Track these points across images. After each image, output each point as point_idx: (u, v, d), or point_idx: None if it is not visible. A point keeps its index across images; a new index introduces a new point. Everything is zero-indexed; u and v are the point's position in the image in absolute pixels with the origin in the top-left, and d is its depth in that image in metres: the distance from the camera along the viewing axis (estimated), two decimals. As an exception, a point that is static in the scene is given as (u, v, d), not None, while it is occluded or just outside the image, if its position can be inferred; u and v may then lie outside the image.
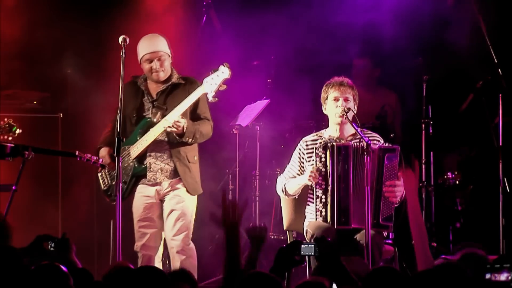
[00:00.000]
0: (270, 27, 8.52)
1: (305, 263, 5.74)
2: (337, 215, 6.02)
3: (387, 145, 6.19)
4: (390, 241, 6.29)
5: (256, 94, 8.55)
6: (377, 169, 6.01)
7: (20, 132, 6.50)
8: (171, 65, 6.59)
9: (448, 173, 8.16)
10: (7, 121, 6.51)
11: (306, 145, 6.27)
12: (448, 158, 8.37)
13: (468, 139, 8.41)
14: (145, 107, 6.57)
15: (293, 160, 6.34)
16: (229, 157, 8.39)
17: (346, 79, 6.30)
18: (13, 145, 6.34)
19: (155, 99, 6.54)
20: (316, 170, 6.05)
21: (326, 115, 6.35)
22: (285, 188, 6.28)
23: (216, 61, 8.34)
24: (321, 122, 7.55)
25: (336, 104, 6.21)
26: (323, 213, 6.06)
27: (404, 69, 8.39)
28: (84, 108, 8.23)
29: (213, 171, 8.28)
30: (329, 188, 6.05)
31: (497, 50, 7.57)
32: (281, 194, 6.34)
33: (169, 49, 6.57)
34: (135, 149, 6.48)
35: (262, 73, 8.70)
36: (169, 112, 6.41)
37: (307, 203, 6.24)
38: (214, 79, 6.27)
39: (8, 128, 6.48)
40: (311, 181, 6.04)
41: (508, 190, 7.41)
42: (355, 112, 6.22)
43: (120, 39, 6.16)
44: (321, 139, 6.24)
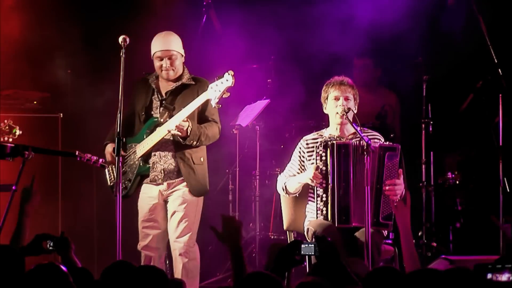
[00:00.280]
0: (270, 27, 8.52)
1: (305, 263, 5.74)
2: (337, 214, 6.02)
3: (388, 143, 6.19)
4: (390, 241, 6.29)
5: (256, 94, 8.56)
6: (378, 167, 6.01)
7: (20, 133, 6.50)
8: (184, 64, 6.57)
9: (448, 173, 8.16)
10: (7, 122, 6.51)
11: (307, 144, 6.28)
12: (448, 158, 8.37)
13: (468, 139, 8.41)
14: (154, 106, 6.55)
15: (294, 159, 6.34)
16: (229, 157, 8.39)
17: (347, 78, 6.30)
18: (13, 145, 6.33)
19: (164, 98, 6.51)
20: (316, 168, 6.06)
21: (326, 114, 6.35)
22: (286, 187, 6.28)
23: (216, 61, 8.38)
24: (321, 122, 7.55)
25: (336, 103, 6.21)
26: (324, 212, 6.06)
27: (404, 69, 8.39)
28: (84, 108, 8.23)
29: (213, 171, 8.27)
30: (329, 187, 6.05)
31: (497, 50, 7.57)
32: (282, 192, 6.34)
33: (182, 48, 6.54)
34: (141, 147, 6.47)
35: (262, 73, 8.70)
36: (177, 112, 6.40)
37: (308, 201, 6.25)
38: (218, 86, 6.21)
39: (8, 130, 6.48)
40: (314, 181, 6.04)
41: (508, 190, 7.41)
42: (356, 111, 6.22)
43: (120, 39, 6.16)
44: (321, 138, 6.24)
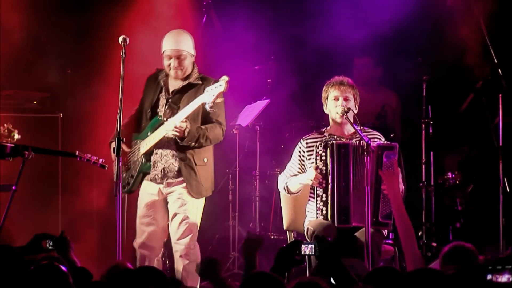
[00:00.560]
0: (270, 27, 8.52)
1: (305, 263, 5.74)
2: (337, 214, 6.02)
3: (386, 142, 6.19)
4: (390, 241, 6.29)
5: (256, 94, 8.56)
6: (376, 166, 6.01)
7: (19, 137, 6.50)
8: (194, 63, 6.54)
9: (448, 173, 8.15)
10: (6, 126, 6.51)
11: (307, 143, 6.28)
12: (448, 158, 8.37)
13: (468, 139, 8.41)
14: (160, 103, 6.54)
15: (294, 158, 6.34)
16: (229, 157, 8.39)
17: (347, 78, 6.30)
18: (13, 145, 6.34)
19: (170, 97, 6.50)
20: (316, 168, 6.06)
21: (326, 114, 6.35)
22: (287, 186, 6.28)
23: (216, 61, 8.38)
24: (321, 122, 7.55)
25: (336, 103, 6.22)
26: (324, 212, 6.07)
27: (404, 69, 8.39)
28: (84, 108, 8.22)
29: (213, 171, 8.27)
30: (329, 187, 6.06)
31: (497, 50, 7.57)
32: (283, 191, 6.34)
33: (193, 48, 6.51)
34: (143, 145, 6.47)
35: (262, 73, 8.69)
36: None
37: (308, 201, 6.25)
38: (212, 90, 6.19)
39: (7, 133, 6.48)
40: (315, 183, 6.05)
41: (508, 190, 7.41)
42: (356, 111, 6.22)
43: (120, 39, 6.15)
44: (321, 137, 6.24)
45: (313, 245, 4.29)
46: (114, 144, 6.48)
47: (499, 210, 7.33)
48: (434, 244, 8.03)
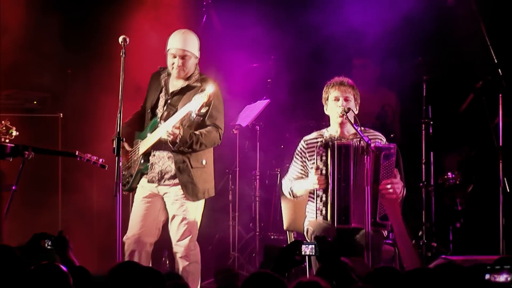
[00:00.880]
0: (270, 27, 8.52)
1: (305, 263, 5.74)
2: (337, 214, 6.02)
3: (384, 143, 6.19)
4: (390, 241, 6.29)
5: (256, 94, 8.56)
6: (374, 167, 6.01)
7: (17, 134, 6.49)
8: (197, 65, 6.52)
9: (448, 173, 8.16)
10: (4, 123, 6.50)
11: (307, 144, 6.28)
12: (448, 158, 8.37)
13: (468, 139, 8.41)
14: (159, 103, 6.53)
15: (295, 159, 6.34)
16: (229, 157, 8.39)
17: (347, 79, 6.30)
18: (13, 145, 6.34)
19: (169, 98, 6.49)
20: (316, 168, 6.06)
21: (327, 115, 6.35)
22: (292, 191, 6.26)
23: (216, 61, 8.38)
24: (321, 122, 7.55)
25: (336, 104, 6.22)
26: (323, 212, 6.07)
27: (404, 69, 8.39)
28: (84, 108, 8.23)
29: (213, 171, 8.26)
30: (329, 187, 6.06)
31: (497, 50, 7.57)
32: (288, 196, 6.33)
33: (198, 50, 6.49)
34: (142, 145, 6.47)
35: (262, 73, 8.70)
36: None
37: (308, 201, 6.25)
38: (198, 99, 6.17)
39: (5, 130, 6.48)
40: (320, 187, 6.05)
41: (508, 190, 7.40)
42: (357, 112, 6.22)
43: (120, 39, 6.15)
44: (321, 138, 6.25)
45: (313, 245, 4.29)
46: (115, 143, 6.49)
47: (499, 210, 7.33)
48: (434, 244, 8.03)
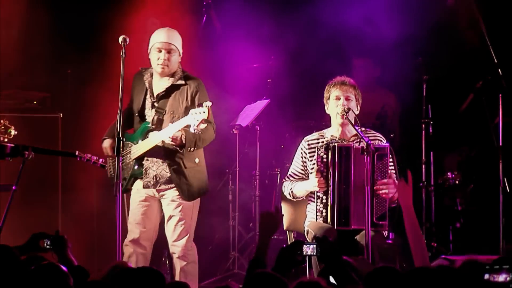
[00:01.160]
0: (270, 27, 8.52)
1: (305, 263, 5.74)
2: (337, 216, 6.02)
3: (377, 144, 6.17)
4: (390, 241, 6.28)
5: (256, 94, 8.56)
6: (370, 168, 6.00)
7: (16, 133, 6.49)
8: (179, 63, 6.55)
9: (448, 173, 8.15)
10: (3, 123, 6.50)
11: (308, 144, 6.28)
12: (448, 158, 8.37)
13: (468, 139, 8.41)
14: (146, 106, 6.53)
15: (296, 159, 6.34)
16: (229, 157, 8.39)
17: (348, 78, 6.30)
18: (13, 145, 6.33)
19: (155, 101, 6.50)
20: (317, 171, 6.06)
21: (327, 114, 6.36)
22: (292, 192, 6.26)
23: (216, 61, 8.38)
24: (321, 122, 7.55)
25: (337, 103, 6.22)
26: (324, 214, 6.07)
27: (404, 69, 8.39)
28: (84, 108, 8.23)
29: (213, 171, 8.26)
30: (330, 189, 6.05)
31: (497, 50, 7.57)
32: (289, 197, 6.32)
33: (181, 48, 6.51)
34: (134, 150, 6.47)
35: (262, 73, 8.69)
36: (167, 115, 6.39)
37: (308, 201, 6.25)
38: (197, 115, 6.17)
39: (3, 129, 6.47)
40: (321, 190, 6.05)
41: (508, 190, 7.41)
42: (358, 112, 6.22)
43: (120, 39, 6.15)
44: (323, 138, 6.25)
45: (314, 246, 4.29)
46: (106, 143, 6.48)
47: (499, 210, 7.33)
48: (434, 244, 8.03)
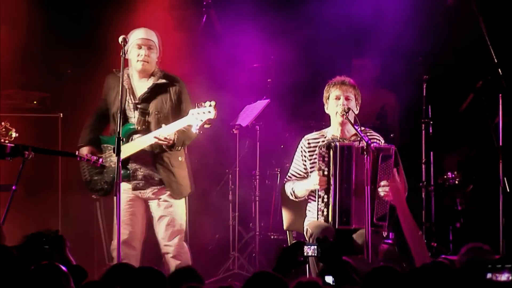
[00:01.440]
0: (270, 27, 8.51)
1: (306, 263, 5.73)
2: (338, 215, 6.03)
3: (382, 144, 6.18)
4: (390, 241, 6.29)
5: (256, 94, 8.55)
6: (372, 168, 6.01)
7: (17, 136, 6.49)
8: (157, 64, 6.53)
9: (448, 173, 8.15)
10: (4, 125, 6.50)
11: (308, 143, 6.28)
12: (448, 158, 8.37)
13: (468, 139, 8.41)
14: (128, 108, 6.50)
15: (296, 158, 6.34)
16: (229, 157, 8.39)
17: (348, 78, 6.31)
18: (13, 145, 6.33)
19: (138, 102, 6.48)
20: (318, 169, 6.06)
21: (326, 114, 6.36)
22: (294, 192, 6.26)
23: (216, 61, 8.37)
24: (321, 122, 7.55)
25: (337, 103, 6.22)
26: (325, 213, 6.07)
27: (404, 69, 8.39)
28: (84, 108, 8.21)
29: (213, 171, 8.27)
30: (331, 188, 6.06)
31: (497, 50, 7.57)
32: (291, 197, 6.32)
33: (160, 46, 6.52)
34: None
35: (262, 73, 8.69)
36: (152, 116, 6.38)
37: (309, 200, 6.25)
38: (200, 115, 6.16)
39: (4, 132, 6.48)
40: (321, 187, 6.05)
41: (508, 190, 7.41)
42: (357, 112, 6.22)
43: (120, 39, 6.16)
44: (323, 137, 6.25)
45: (315, 246, 4.30)
46: (83, 151, 6.44)
47: (499, 210, 7.33)
48: (434, 244, 8.03)
